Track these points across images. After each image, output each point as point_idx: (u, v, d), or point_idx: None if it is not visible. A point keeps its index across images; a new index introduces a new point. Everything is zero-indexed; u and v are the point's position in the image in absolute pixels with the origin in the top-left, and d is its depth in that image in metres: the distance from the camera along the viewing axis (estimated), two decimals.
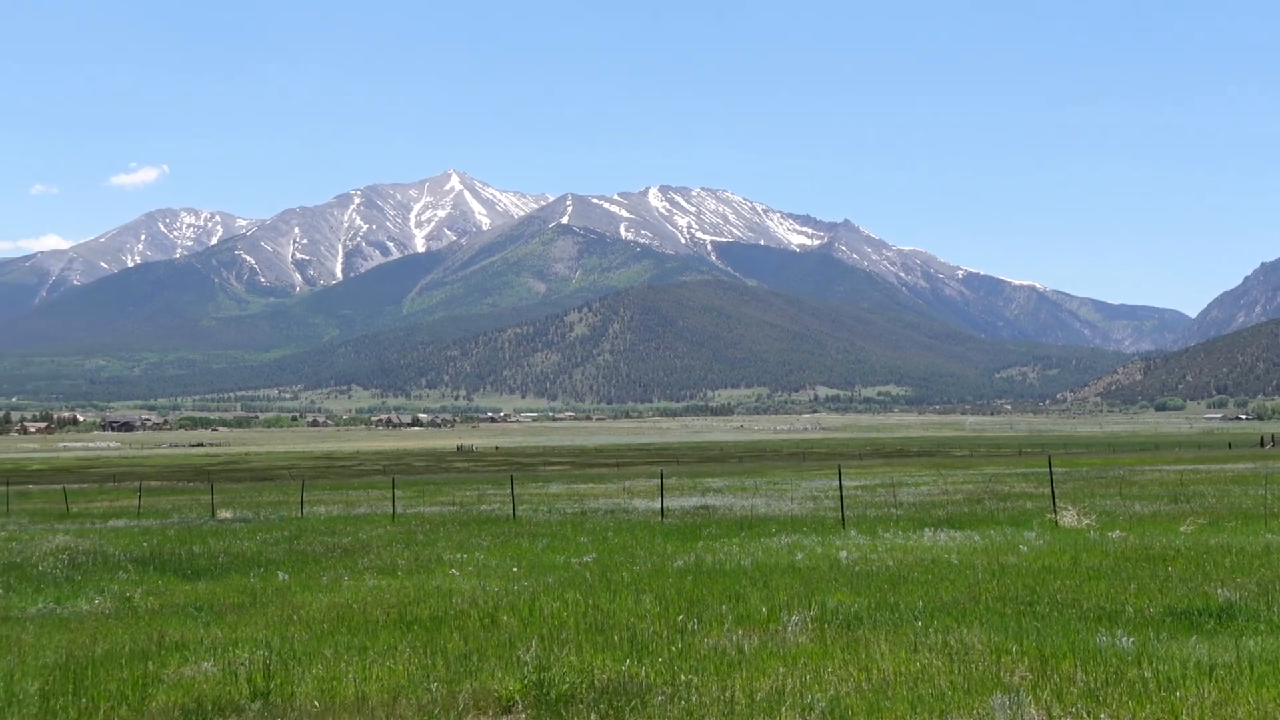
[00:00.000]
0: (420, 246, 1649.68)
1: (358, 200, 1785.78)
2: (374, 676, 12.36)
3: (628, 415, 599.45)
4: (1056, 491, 33.81)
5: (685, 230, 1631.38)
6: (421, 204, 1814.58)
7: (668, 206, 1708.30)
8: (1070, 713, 10.05)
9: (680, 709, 10.57)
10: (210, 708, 11.29)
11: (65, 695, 11.95)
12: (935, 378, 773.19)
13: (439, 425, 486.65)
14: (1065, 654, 12.15)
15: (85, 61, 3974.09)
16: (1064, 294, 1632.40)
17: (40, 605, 19.15)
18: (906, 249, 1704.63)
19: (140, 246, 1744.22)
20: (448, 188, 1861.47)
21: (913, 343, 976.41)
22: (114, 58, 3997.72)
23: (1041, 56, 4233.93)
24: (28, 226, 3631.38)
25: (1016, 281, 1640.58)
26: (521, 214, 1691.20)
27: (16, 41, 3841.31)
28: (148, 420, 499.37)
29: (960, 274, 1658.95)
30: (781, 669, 11.86)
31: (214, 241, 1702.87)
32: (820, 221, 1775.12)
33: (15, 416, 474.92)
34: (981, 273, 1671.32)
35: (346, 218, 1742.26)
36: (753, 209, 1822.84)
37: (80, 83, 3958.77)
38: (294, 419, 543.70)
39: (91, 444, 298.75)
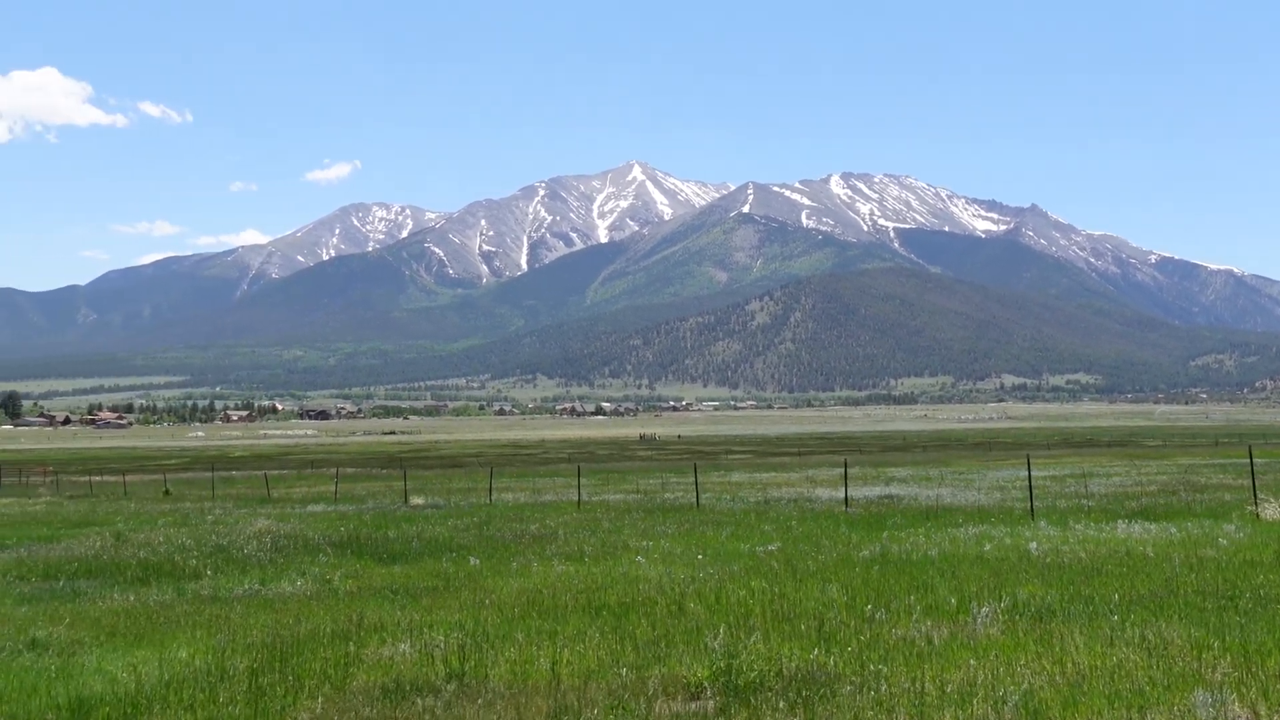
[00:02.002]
0: (603, 237, 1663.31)
1: (542, 192, 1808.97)
2: (565, 660, 12.58)
3: (809, 404, 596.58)
4: (1257, 483, 32.59)
5: (867, 217, 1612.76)
6: (604, 195, 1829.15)
7: (850, 194, 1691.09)
8: (1278, 711, 9.74)
9: (869, 699, 10.52)
10: (408, 687, 11.63)
11: (272, 673, 12.42)
12: (1126, 366, 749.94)
13: (622, 414, 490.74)
14: (1271, 650, 11.75)
15: (279, 61, 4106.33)
16: (1263, 278, 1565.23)
17: (246, 586, 19.90)
18: (1096, 234, 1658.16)
19: (334, 240, 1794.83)
20: (630, 178, 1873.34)
21: (1103, 330, 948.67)
22: (306, 57, 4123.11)
23: (1234, 28, 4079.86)
24: (229, 222, 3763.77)
25: (1213, 266, 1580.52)
26: (703, 203, 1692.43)
27: (214, 44, 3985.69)
28: (342, 409, 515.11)
29: (1153, 259, 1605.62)
30: (972, 661, 11.73)
31: (404, 235, 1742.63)
32: (1006, 207, 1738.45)
33: (219, 405, 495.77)
34: (1176, 257, 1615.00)
35: (531, 210, 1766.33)
36: (936, 195, 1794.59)
37: (275, 83, 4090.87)
38: (481, 408, 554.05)
39: (290, 432, 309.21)
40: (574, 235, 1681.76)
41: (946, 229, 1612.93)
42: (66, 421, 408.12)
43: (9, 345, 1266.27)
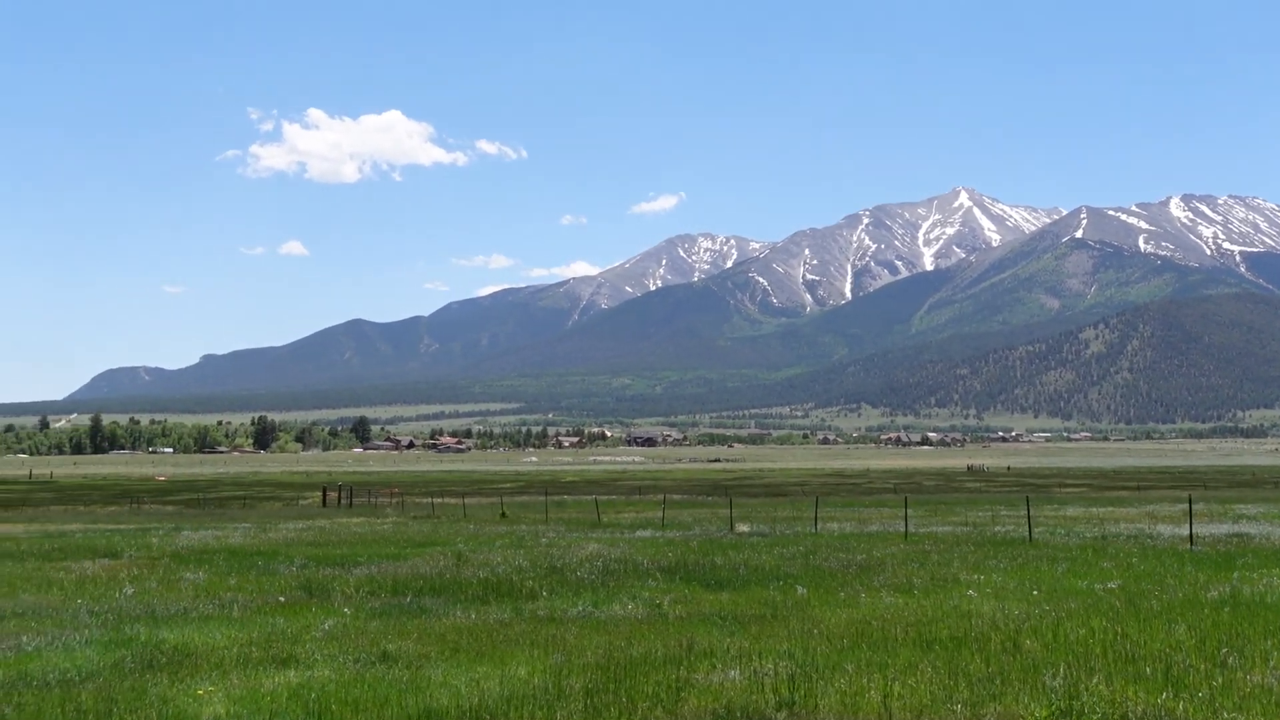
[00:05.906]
0: (928, 265, 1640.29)
1: (866, 220, 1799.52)
2: (896, 694, 12.40)
3: (1148, 436, 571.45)
4: None
5: (1210, 241, 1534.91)
6: (929, 222, 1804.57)
7: (1191, 216, 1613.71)
8: None
9: None
10: (739, 714, 11.69)
11: (606, 693, 12.73)
12: None
13: (948, 444, 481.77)
14: None
15: (608, 98, 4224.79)
16: None
17: (580, 608, 20.40)
18: None
19: (661, 271, 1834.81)
20: (956, 205, 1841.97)
21: None
22: (632, 93, 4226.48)
23: None
24: (560, 255, 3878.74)
25: None
26: (1032, 229, 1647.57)
27: (547, 83, 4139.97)
28: (668, 436, 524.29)
29: None
30: None
31: (729, 265, 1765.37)
32: None
33: (551, 431, 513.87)
34: None
35: (855, 238, 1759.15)
36: None
37: (604, 118, 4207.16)
38: (804, 436, 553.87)
39: (618, 458, 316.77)
40: (898, 263, 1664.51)
41: None
42: (410, 445, 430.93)
43: (359, 373, 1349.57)
